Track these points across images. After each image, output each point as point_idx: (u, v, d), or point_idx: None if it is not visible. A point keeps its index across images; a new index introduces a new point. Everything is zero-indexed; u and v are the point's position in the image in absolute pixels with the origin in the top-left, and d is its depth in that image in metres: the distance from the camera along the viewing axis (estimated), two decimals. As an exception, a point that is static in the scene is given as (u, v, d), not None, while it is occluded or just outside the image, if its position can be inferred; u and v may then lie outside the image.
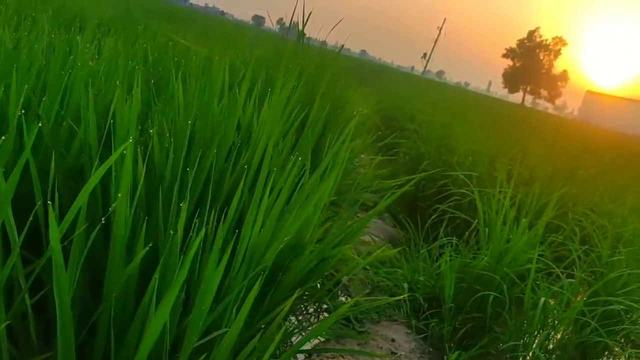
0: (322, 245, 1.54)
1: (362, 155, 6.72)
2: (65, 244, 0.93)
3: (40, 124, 1.10)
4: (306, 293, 2.17)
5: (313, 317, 2.70)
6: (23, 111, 1.16)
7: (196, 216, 1.08)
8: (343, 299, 3.00)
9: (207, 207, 1.16)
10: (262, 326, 1.39)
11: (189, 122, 1.33)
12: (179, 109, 1.50)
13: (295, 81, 2.25)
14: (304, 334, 2.52)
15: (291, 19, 3.92)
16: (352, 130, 1.73)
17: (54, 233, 0.84)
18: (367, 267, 3.20)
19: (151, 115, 1.62)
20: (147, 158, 1.31)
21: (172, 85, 1.52)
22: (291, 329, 2.20)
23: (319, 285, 2.93)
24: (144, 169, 1.16)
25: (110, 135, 1.29)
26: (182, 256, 0.95)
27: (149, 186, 1.35)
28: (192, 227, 1.05)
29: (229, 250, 0.97)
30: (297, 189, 1.39)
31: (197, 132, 1.37)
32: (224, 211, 1.14)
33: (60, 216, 0.96)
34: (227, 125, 1.41)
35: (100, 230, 1.07)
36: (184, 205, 0.98)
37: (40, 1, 5.05)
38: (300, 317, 2.66)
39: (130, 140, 0.94)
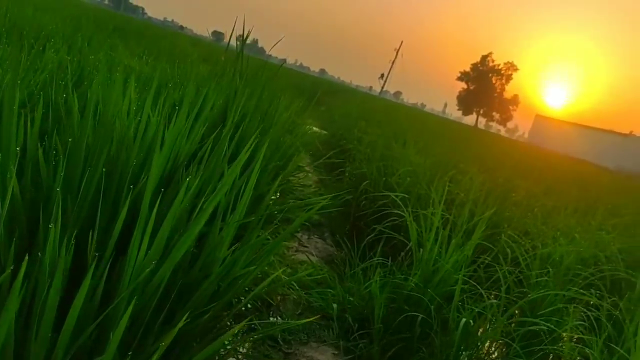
0: (222, 267, 1.51)
1: (310, 174, 6.75)
2: None
3: None
4: (224, 313, 2.13)
5: (240, 339, 2.65)
6: None
7: (72, 239, 1.03)
8: (273, 319, 2.96)
9: (96, 229, 1.12)
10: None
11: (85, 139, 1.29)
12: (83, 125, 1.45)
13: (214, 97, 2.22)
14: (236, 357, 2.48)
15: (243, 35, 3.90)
16: (263, 153, 1.71)
17: None
18: (298, 287, 3.18)
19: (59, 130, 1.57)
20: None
21: (70, 101, 1.46)
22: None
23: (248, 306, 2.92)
24: (15, 187, 1.11)
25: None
26: (49, 280, 0.91)
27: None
28: (67, 249, 1.00)
29: (89, 274, 0.93)
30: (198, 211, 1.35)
31: (92, 149, 1.32)
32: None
33: None
34: (124, 142, 1.37)
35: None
36: (52, 227, 0.95)
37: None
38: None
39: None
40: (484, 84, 74.59)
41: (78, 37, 5.08)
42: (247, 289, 2.63)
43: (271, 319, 2.97)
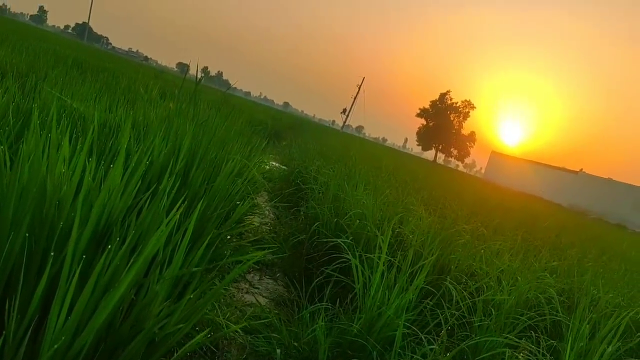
0: (156, 320, 1.52)
1: (268, 212, 6.77)
2: None
3: None
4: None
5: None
6: None
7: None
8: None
9: (19, 293, 1.13)
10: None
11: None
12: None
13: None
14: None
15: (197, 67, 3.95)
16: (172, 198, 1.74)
17: None
18: (244, 333, 3.17)
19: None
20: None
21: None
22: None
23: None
24: None
25: None
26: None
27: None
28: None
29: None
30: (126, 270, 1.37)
31: (18, 210, 1.32)
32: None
33: None
34: (53, 201, 1.38)
35: None
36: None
37: None
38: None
39: None
40: (442, 120, 76.75)
41: (32, 76, 5.04)
42: (190, 334, 2.62)
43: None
